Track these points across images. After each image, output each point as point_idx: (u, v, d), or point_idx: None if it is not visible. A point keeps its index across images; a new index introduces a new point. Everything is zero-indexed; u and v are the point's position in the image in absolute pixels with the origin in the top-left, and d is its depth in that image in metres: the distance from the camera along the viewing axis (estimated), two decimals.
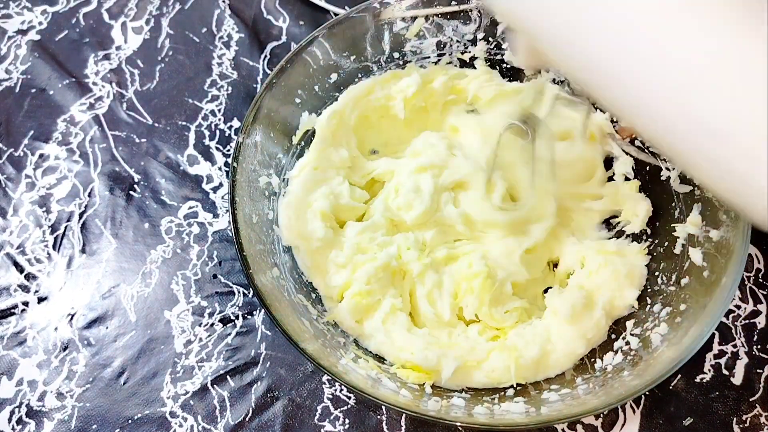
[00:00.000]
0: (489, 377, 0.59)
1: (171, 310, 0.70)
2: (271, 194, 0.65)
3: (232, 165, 0.60)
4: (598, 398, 0.53)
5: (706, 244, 0.58)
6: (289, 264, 0.64)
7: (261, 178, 0.64)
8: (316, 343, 0.56)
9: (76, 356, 0.68)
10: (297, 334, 0.54)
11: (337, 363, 0.55)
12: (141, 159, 0.79)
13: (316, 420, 0.64)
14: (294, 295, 0.61)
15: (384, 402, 0.51)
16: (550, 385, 0.59)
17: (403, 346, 0.60)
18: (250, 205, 0.61)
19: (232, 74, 0.84)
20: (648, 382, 0.51)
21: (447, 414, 0.54)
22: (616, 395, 0.51)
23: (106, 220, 0.75)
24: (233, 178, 0.60)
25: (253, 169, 0.63)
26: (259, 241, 0.61)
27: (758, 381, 0.64)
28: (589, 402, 0.53)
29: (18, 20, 0.89)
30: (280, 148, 0.67)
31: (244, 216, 0.60)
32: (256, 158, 0.64)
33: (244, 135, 0.62)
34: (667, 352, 0.54)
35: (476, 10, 0.71)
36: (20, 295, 0.72)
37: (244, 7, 0.89)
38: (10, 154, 0.80)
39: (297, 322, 0.57)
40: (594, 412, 0.51)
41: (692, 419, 0.63)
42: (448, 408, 0.55)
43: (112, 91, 0.83)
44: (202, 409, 0.65)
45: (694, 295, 0.57)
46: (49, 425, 0.65)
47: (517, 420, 0.53)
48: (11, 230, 0.75)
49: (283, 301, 0.58)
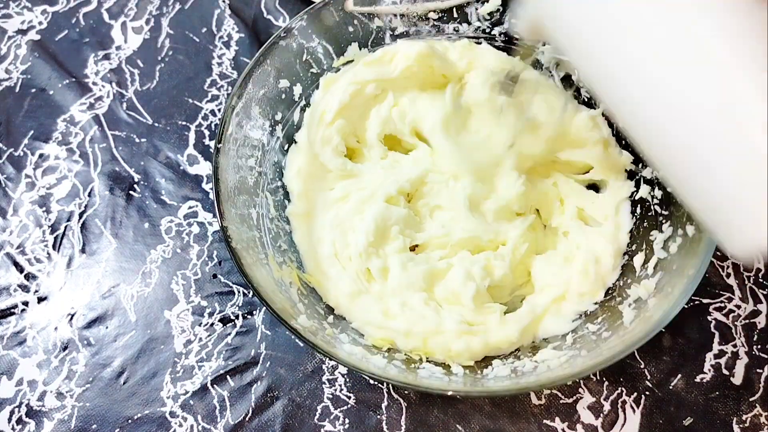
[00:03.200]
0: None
1: (171, 309, 0.70)
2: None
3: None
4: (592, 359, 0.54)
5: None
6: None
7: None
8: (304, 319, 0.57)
9: (76, 356, 0.68)
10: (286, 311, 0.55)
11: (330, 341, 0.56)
12: (141, 159, 0.79)
13: (316, 420, 0.64)
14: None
15: (382, 377, 0.53)
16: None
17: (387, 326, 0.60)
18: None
19: (232, 74, 0.84)
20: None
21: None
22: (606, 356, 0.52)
23: (106, 219, 0.75)
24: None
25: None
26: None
27: (758, 381, 0.64)
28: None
29: (18, 20, 0.89)
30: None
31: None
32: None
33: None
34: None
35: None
36: (20, 295, 0.72)
37: (244, 7, 0.89)
38: (10, 154, 0.80)
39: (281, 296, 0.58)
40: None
41: (692, 419, 0.63)
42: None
43: (112, 90, 0.83)
44: (202, 408, 0.65)
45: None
46: (49, 425, 0.65)
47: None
48: (11, 230, 0.75)
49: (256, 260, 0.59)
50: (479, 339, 0.59)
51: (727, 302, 0.68)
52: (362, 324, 0.61)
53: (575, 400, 0.64)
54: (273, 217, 0.65)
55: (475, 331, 0.60)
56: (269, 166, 0.67)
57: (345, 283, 0.62)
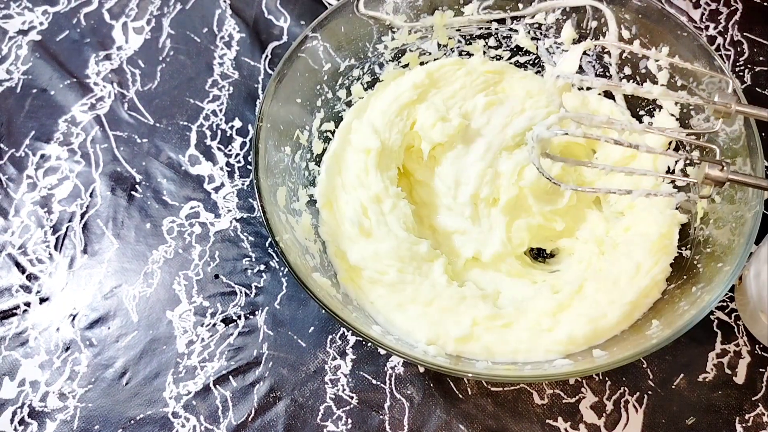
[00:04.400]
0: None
1: (173, 310, 0.70)
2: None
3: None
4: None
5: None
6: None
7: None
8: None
9: (78, 357, 0.68)
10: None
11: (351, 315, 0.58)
12: (142, 159, 0.79)
13: (318, 420, 0.64)
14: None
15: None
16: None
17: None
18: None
19: (234, 74, 0.84)
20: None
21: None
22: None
23: (108, 220, 0.75)
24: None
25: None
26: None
27: (761, 380, 0.64)
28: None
29: (19, 20, 0.89)
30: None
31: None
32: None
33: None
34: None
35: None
36: (22, 296, 0.71)
37: (245, 7, 0.89)
38: (11, 155, 0.79)
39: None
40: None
41: (695, 418, 0.63)
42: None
43: (114, 91, 0.83)
44: (204, 409, 0.65)
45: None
46: (52, 426, 0.65)
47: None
48: (13, 231, 0.75)
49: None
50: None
51: (730, 301, 0.68)
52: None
53: (578, 399, 0.64)
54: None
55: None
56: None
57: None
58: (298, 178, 0.67)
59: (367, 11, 0.69)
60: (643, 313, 0.60)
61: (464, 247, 0.68)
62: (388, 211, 0.66)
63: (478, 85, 0.73)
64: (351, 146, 0.69)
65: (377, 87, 0.74)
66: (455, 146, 0.70)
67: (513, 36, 0.74)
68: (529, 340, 0.59)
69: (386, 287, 0.62)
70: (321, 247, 0.65)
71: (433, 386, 0.65)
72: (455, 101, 0.72)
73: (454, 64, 0.73)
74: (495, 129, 0.71)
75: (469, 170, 0.70)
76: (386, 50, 0.72)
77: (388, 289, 0.62)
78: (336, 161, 0.69)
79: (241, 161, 0.78)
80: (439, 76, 0.73)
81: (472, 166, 0.70)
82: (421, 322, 0.60)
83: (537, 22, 0.72)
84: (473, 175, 0.69)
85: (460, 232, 0.69)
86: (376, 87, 0.74)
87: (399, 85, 0.72)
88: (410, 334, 0.60)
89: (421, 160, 0.72)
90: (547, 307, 0.61)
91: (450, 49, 0.75)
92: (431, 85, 0.72)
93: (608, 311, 0.59)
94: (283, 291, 0.70)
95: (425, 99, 0.71)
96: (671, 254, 0.62)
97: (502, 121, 0.71)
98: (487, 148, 0.70)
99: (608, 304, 0.60)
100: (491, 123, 0.71)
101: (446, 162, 0.70)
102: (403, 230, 0.65)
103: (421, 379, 0.65)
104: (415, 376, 0.66)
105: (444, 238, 0.70)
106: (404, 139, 0.71)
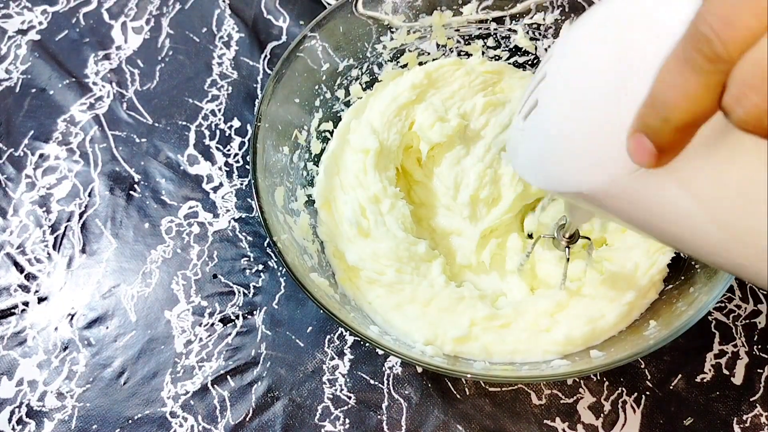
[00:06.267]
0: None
1: (171, 310, 0.70)
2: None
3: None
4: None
5: None
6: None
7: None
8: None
9: (76, 356, 0.68)
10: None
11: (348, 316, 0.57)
12: (141, 159, 0.79)
13: (316, 420, 0.64)
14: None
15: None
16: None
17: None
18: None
19: (233, 74, 0.84)
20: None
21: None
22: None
23: (107, 220, 0.75)
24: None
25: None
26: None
27: (759, 381, 0.64)
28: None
29: (18, 20, 0.89)
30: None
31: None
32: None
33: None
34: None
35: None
36: (20, 295, 0.71)
37: (245, 7, 0.89)
38: (10, 154, 0.80)
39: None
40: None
41: (692, 419, 0.63)
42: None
43: (113, 90, 0.83)
44: (202, 409, 0.65)
45: None
46: (50, 425, 0.65)
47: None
48: (11, 230, 0.75)
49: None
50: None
51: (728, 302, 0.68)
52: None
53: (576, 400, 0.64)
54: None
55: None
56: None
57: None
58: (296, 178, 0.66)
59: (365, 11, 0.69)
60: (640, 313, 0.60)
61: (460, 251, 0.69)
62: (387, 212, 0.66)
63: (477, 85, 0.73)
64: (349, 146, 0.69)
65: (376, 87, 0.73)
66: (454, 147, 0.70)
67: (512, 36, 0.73)
68: (527, 340, 0.59)
69: (384, 287, 0.62)
70: (319, 247, 0.65)
71: (430, 386, 0.65)
72: (454, 101, 0.72)
73: (453, 65, 0.73)
74: (494, 130, 0.71)
75: (468, 171, 0.70)
76: (385, 50, 0.72)
77: (386, 290, 0.62)
78: (334, 161, 0.69)
79: (240, 161, 0.78)
80: (437, 76, 0.73)
81: (471, 167, 0.70)
82: (419, 322, 0.60)
83: (536, 23, 0.72)
84: (473, 175, 0.69)
85: (458, 233, 0.69)
86: (374, 87, 0.74)
87: (397, 86, 0.72)
88: (408, 334, 0.60)
89: (419, 161, 0.72)
90: (546, 308, 0.61)
91: (449, 50, 0.75)
92: (430, 85, 0.72)
93: (606, 312, 0.59)
94: (282, 291, 0.70)
95: (424, 99, 0.71)
96: (669, 255, 0.62)
97: (501, 121, 0.71)
98: (486, 148, 0.70)
99: (606, 305, 0.60)
100: (490, 123, 0.71)
101: (445, 162, 0.70)
102: (401, 230, 0.65)
103: (419, 380, 0.65)
104: (413, 376, 0.66)
105: (442, 239, 0.70)
106: (403, 140, 0.70)
